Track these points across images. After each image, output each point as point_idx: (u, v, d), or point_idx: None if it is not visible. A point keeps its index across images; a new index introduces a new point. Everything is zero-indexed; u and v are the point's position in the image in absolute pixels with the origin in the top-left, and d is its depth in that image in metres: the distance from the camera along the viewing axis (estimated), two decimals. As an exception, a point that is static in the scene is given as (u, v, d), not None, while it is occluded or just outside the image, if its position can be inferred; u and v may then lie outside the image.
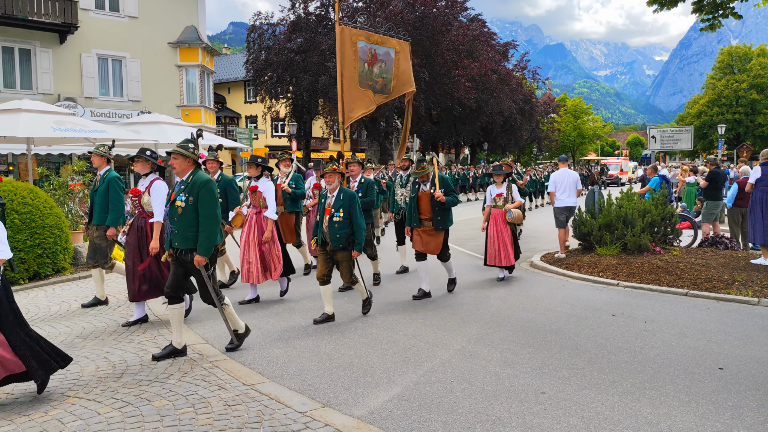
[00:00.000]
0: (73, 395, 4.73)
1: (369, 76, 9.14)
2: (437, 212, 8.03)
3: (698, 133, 61.94)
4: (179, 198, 5.51)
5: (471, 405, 4.45)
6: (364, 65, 9.05)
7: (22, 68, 22.97)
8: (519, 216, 9.02)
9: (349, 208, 6.88)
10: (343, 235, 6.82)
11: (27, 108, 13.23)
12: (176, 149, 5.57)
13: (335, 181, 6.99)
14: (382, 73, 9.34)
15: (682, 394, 4.61)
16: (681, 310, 7.26)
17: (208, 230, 5.43)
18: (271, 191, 8.05)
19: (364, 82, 9.07)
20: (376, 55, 9.19)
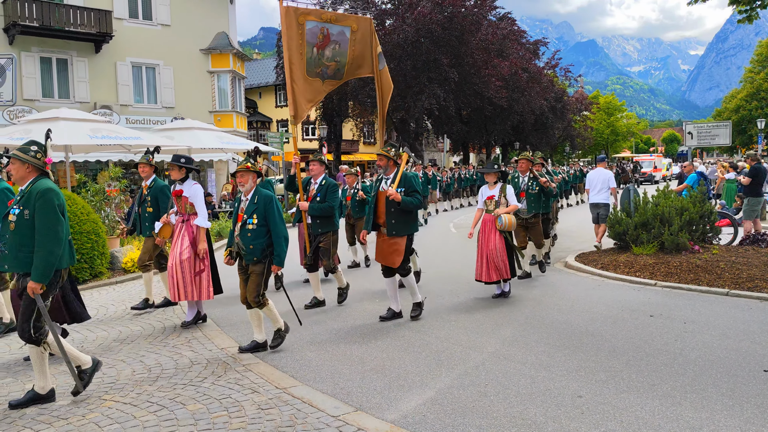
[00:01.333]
0: (109, 399, 4.79)
1: (318, 62, 8.01)
2: (391, 214, 6.84)
3: (737, 128, 60.40)
4: (12, 211, 4.61)
5: (506, 409, 4.38)
6: (313, 50, 7.93)
7: (60, 78, 23.52)
8: (510, 222, 7.79)
9: (265, 213, 5.80)
10: (258, 246, 5.76)
11: (64, 116, 13.54)
12: (13, 153, 4.74)
13: (248, 182, 5.94)
14: (335, 56, 8.17)
15: (725, 397, 4.47)
16: (722, 311, 7.05)
17: (43, 250, 4.44)
18: (199, 195, 7.08)
19: (312, 70, 7.99)
20: (328, 36, 8.05)
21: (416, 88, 34.03)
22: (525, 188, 9.28)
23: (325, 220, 7.84)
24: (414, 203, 6.86)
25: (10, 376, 5.47)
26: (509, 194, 8.01)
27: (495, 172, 8.11)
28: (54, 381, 5.24)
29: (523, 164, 9.49)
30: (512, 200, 8.01)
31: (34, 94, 22.61)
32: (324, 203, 7.75)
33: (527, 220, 9.31)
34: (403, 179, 6.90)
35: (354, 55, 8.28)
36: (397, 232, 6.85)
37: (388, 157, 7.07)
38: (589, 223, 12.30)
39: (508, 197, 7.98)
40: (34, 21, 21.77)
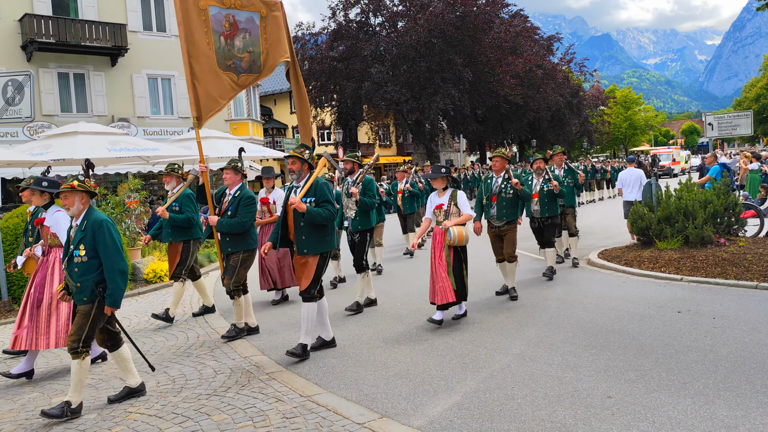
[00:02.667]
0: (135, 411, 4.79)
1: (229, 53, 6.99)
2: (301, 229, 5.89)
3: (758, 117, 59.46)
4: None
5: (534, 412, 4.30)
6: (220, 39, 6.89)
7: (77, 92, 23.81)
8: (462, 236, 6.73)
9: (94, 243, 4.79)
10: (87, 284, 4.77)
11: (83, 130, 13.69)
12: None
13: (74, 204, 4.90)
14: (247, 46, 7.12)
15: (759, 394, 4.35)
16: (751, 305, 6.90)
17: None
18: (62, 225, 5.98)
19: (223, 63, 6.94)
20: (236, 23, 7.01)
21: (430, 89, 33.96)
22: (497, 191, 7.97)
23: (236, 238, 6.76)
24: (323, 216, 5.78)
25: (37, 391, 5.50)
26: (461, 202, 6.94)
27: (443, 176, 6.99)
28: (80, 396, 5.27)
29: (497, 162, 8.12)
30: (465, 209, 6.90)
31: (53, 110, 22.91)
32: (233, 219, 6.66)
33: (500, 228, 8.00)
34: (313, 187, 5.88)
35: (268, 44, 7.24)
36: (309, 249, 5.88)
37: (302, 160, 6.05)
38: (611, 220, 12.21)
39: (460, 205, 6.92)
40: (50, 37, 22.06)
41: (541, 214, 9.09)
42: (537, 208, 9.02)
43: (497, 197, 7.95)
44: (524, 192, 7.92)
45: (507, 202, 7.91)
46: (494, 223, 8.01)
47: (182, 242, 7.80)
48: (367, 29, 37.25)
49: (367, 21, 37.40)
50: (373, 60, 34.49)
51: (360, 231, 7.99)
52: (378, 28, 37.65)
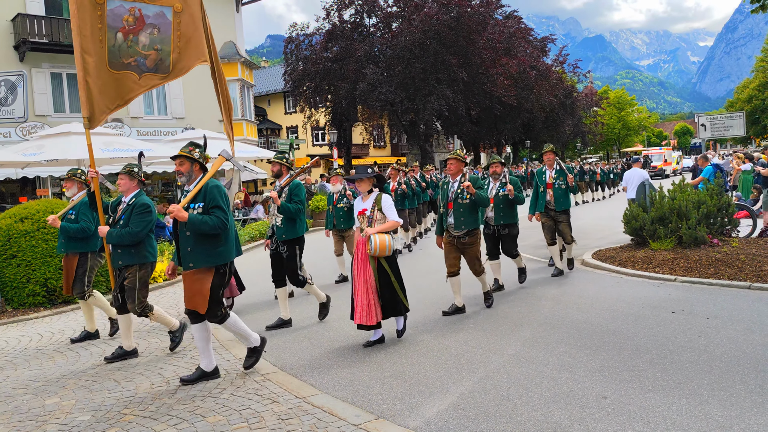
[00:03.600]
0: (129, 413, 4.77)
1: (130, 51, 6.30)
2: (186, 240, 5.12)
3: (750, 119, 59.75)
4: None
5: (529, 412, 4.30)
6: (117, 36, 6.23)
7: (71, 92, 23.68)
8: (383, 246, 5.98)
9: None
10: None
11: (76, 131, 13.61)
12: None
13: None
14: (154, 43, 6.42)
15: (754, 394, 4.37)
16: (745, 305, 6.93)
17: None
18: None
19: (118, 61, 6.26)
20: (142, 18, 6.35)
21: (425, 90, 33.98)
22: (453, 197, 7.19)
23: (129, 251, 6.04)
24: (210, 224, 5.00)
25: (30, 393, 5.47)
26: (386, 207, 6.19)
27: (368, 177, 6.29)
28: (73, 395, 5.24)
29: (452, 165, 7.26)
30: (391, 215, 6.17)
31: (46, 110, 22.80)
32: (125, 229, 5.94)
33: (459, 238, 7.16)
34: (202, 191, 5.15)
35: (181, 43, 6.51)
36: (194, 263, 5.10)
37: (191, 160, 5.34)
38: (605, 220, 12.23)
39: (385, 211, 6.18)
40: (43, 37, 21.97)
41: (495, 222, 8.37)
42: (491, 215, 8.37)
43: (453, 204, 7.16)
44: (479, 196, 7.00)
45: (464, 209, 7.10)
46: (452, 232, 7.17)
47: (78, 255, 6.99)
48: (361, 30, 37.24)
49: (361, 22, 37.39)
50: (367, 61, 34.48)
51: (286, 242, 7.10)
52: (372, 29, 37.66)
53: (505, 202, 8.33)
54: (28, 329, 8.23)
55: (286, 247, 7.14)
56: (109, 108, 6.27)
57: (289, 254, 7.13)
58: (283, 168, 7.40)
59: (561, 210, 9.30)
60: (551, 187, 9.29)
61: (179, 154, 5.33)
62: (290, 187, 7.23)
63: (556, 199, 9.23)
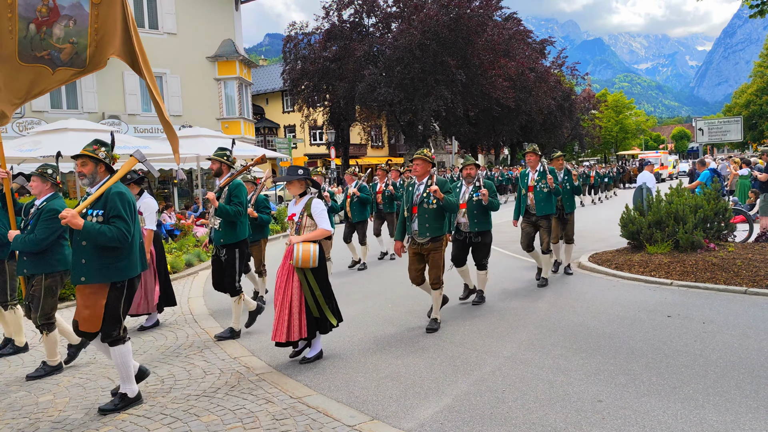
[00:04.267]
0: (123, 411, 4.74)
1: (43, 43, 5.89)
2: (81, 250, 4.57)
3: (747, 124, 59.92)
4: None
5: (525, 415, 4.29)
6: (29, 27, 5.81)
7: (68, 88, 23.62)
8: (306, 256, 5.45)
9: None
10: None
11: (73, 127, 13.59)
12: None
13: None
14: (70, 35, 5.97)
15: (749, 399, 4.36)
16: (741, 310, 6.93)
17: None
18: None
19: (30, 54, 5.86)
20: (56, 9, 5.90)
21: (423, 91, 33.98)
22: (418, 201, 6.62)
23: (34, 258, 5.61)
24: (108, 236, 4.43)
25: (24, 390, 5.45)
26: (316, 212, 5.64)
27: (299, 179, 5.69)
28: (67, 393, 5.21)
29: (418, 166, 6.68)
30: (321, 222, 5.64)
31: (43, 106, 22.73)
32: (30, 235, 5.49)
33: (422, 246, 6.65)
34: (104, 197, 4.57)
35: (99, 36, 6.04)
36: (86, 277, 4.53)
37: (96, 160, 4.76)
38: (601, 223, 12.22)
39: (316, 217, 5.63)
40: (41, 33, 21.90)
41: (469, 228, 7.61)
42: (465, 220, 7.62)
43: (418, 208, 6.58)
44: (447, 202, 6.42)
45: (430, 214, 6.51)
46: (416, 239, 6.65)
47: None
48: (360, 30, 37.22)
49: (360, 21, 37.38)
50: (366, 61, 34.47)
51: (225, 246, 6.59)
52: (372, 29, 37.65)
53: (479, 208, 7.57)
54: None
55: (225, 251, 6.59)
56: (14, 102, 5.90)
57: (227, 259, 6.59)
58: (224, 166, 6.80)
59: (542, 215, 8.70)
60: (532, 190, 8.71)
61: (81, 153, 4.73)
62: (230, 187, 6.60)
63: (537, 203, 8.65)
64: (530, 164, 8.92)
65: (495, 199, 7.59)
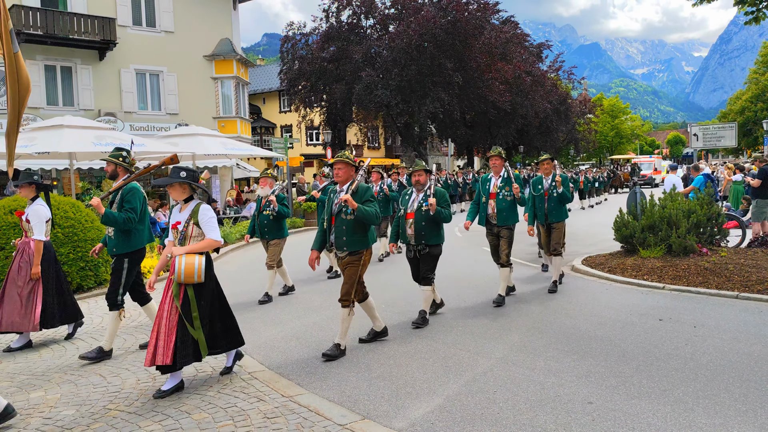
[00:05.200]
0: (114, 408, 4.74)
1: None
2: None
3: (742, 130, 60.17)
4: None
5: (515, 416, 4.31)
6: None
7: (64, 85, 23.58)
8: (190, 270, 4.85)
9: None
10: None
11: (69, 124, 13.56)
12: None
13: None
14: None
15: (738, 403, 4.39)
16: (732, 314, 6.97)
17: None
18: None
19: None
20: None
21: (420, 93, 34.03)
22: (336, 210, 5.97)
23: None
24: None
25: (15, 386, 5.44)
26: (204, 220, 5.02)
27: (180, 182, 5.04)
28: (58, 389, 5.21)
29: (340, 170, 5.96)
30: (210, 231, 5.01)
31: (39, 102, 22.67)
32: None
33: (341, 259, 6.02)
34: None
35: None
36: None
37: None
38: (595, 227, 12.23)
39: (203, 225, 5.02)
40: (38, 29, 21.85)
41: (415, 242, 6.95)
42: (411, 232, 6.96)
43: (336, 218, 5.95)
44: (361, 212, 5.69)
45: (348, 225, 5.86)
46: (337, 253, 6.07)
47: None
48: (358, 31, 37.25)
49: (358, 23, 37.41)
50: (363, 62, 34.50)
51: (115, 255, 6.04)
52: (369, 31, 37.68)
53: (429, 219, 6.89)
54: None
55: (114, 261, 6.07)
56: None
57: (114, 268, 6.04)
58: (119, 168, 6.18)
59: (503, 225, 7.87)
60: (494, 197, 7.90)
61: None
62: (123, 191, 5.96)
63: (498, 213, 7.85)
64: (494, 169, 8.06)
65: (446, 210, 6.89)
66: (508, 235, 7.90)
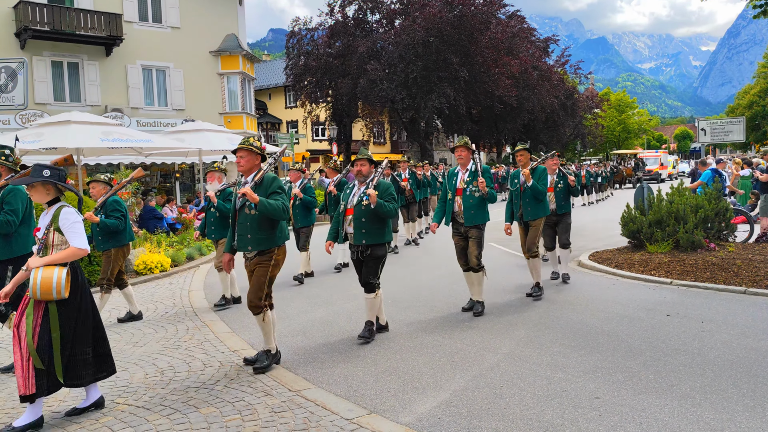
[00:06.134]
0: (122, 402, 4.77)
1: None
2: None
3: (750, 124, 59.81)
4: None
5: (522, 411, 4.31)
6: None
7: (71, 81, 23.66)
8: (47, 285, 4.17)
9: None
10: None
11: (76, 120, 13.62)
12: None
13: None
14: None
15: (746, 398, 4.38)
16: (740, 309, 6.94)
17: None
18: None
19: None
20: None
21: (426, 88, 33.98)
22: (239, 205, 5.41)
23: None
24: None
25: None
26: (65, 225, 4.35)
27: (44, 182, 4.38)
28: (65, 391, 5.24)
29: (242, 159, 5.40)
30: (73, 238, 4.35)
31: (46, 98, 22.76)
32: None
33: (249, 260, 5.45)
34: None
35: None
36: None
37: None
38: (601, 222, 12.19)
39: (66, 231, 4.35)
40: (45, 25, 21.92)
41: (355, 241, 6.14)
42: (351, 231, 6.20)
43: (239, 214, 5.41)
44: (263, 206, 5.02)
45: (252, 221, 5.27)
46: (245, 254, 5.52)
47: None
48: (363, 26, 37.20)
49: (364, 18, 37.35)
50: (369, 58, 34.46)
51: None
52: (375, 26, 37.61)
53: (370, 215, 6.08)
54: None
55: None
56: None
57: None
58: (2, 168, 5.68)
59: (471, 225, 7.01)
60: (461, 193, 7.05)
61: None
62: (3, 192, 5.52)
63: (465, 210, 6.99)
64: (460, 161, 7.18)
65: (389, 204, 6.04)
66: (477, 235, 7.00)
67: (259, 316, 5.34)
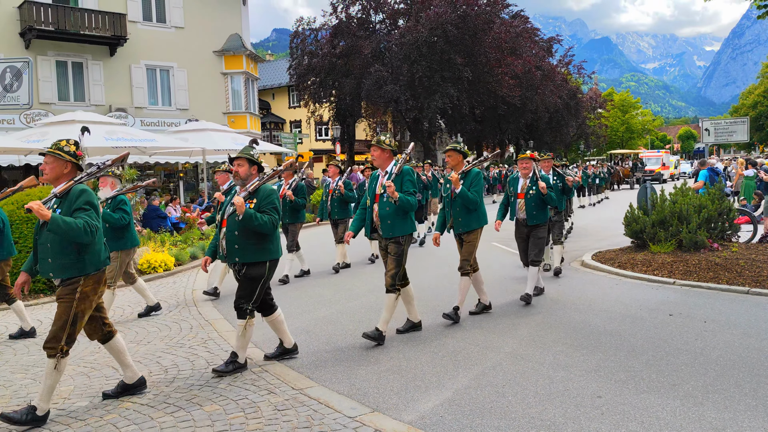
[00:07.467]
0: (127, 400, 4.79)
1: None
2: None
3: (754, 125, 59.66)
4: None
5: (524, 410, 4.33)
6: None
7: (75, 81, 23.75)
8: None
9: None
10: None
11: (80, 119, 13.68)
12: None
13: None
14: None
15: (748, 397, 4.39)
16: (742, 310, 6.95)
17: None
18: None
19: None
20: None
21: (430, 88, 33.96)
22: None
23: None
24: None
25: (29, 378, 5.51)
26: None
27: None
28: (71, 381, 5.27)
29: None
30: None
31: (51, 98, 22.85)
32: None
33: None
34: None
35: None
36: None
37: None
38: (604, 221, 12.19)
39: None
40: (50, 25, 22.01)
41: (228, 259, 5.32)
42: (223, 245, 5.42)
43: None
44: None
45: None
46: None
47: None
48: (367, 26, 37.21)
49: (367, 18, 37.36)
50: (373, 58, 34.47)
51: None
52: (379, 26, 37.61)
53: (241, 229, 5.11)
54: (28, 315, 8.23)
55: None
56: None
57: None
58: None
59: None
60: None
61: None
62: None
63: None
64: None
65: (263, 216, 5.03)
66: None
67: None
